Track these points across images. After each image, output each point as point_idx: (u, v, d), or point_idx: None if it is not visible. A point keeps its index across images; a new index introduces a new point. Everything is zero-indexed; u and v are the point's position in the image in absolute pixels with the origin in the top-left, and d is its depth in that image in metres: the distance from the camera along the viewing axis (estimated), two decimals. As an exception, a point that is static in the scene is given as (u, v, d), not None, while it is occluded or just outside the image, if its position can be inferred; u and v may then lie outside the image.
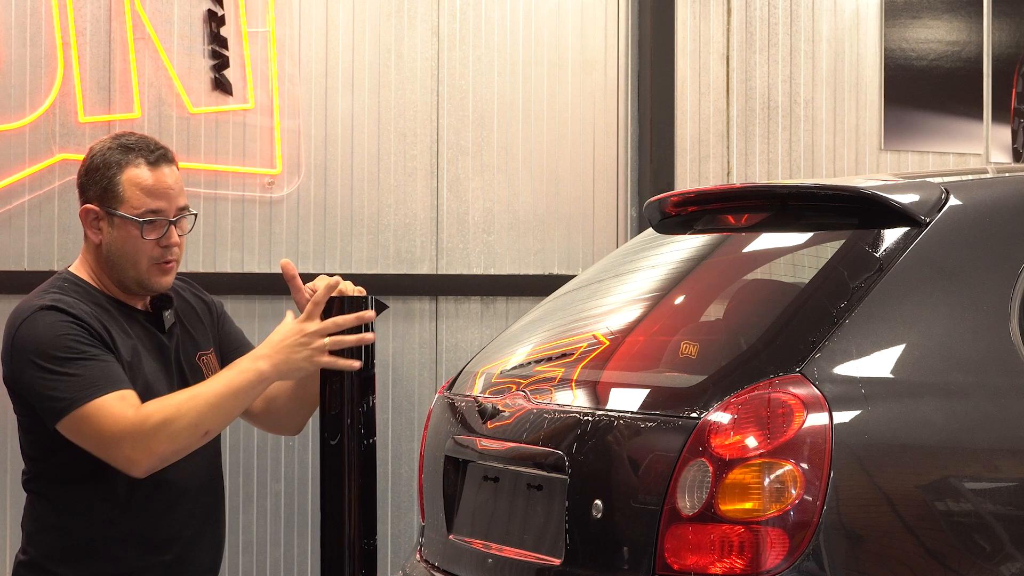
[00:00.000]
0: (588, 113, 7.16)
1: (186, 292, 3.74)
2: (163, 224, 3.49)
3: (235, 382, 3.38)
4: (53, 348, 3.38)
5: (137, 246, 3.49)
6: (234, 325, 3.83)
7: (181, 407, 3.35)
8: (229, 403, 3.38)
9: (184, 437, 3.35)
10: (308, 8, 6.63)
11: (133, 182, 3.49)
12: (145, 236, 3.48)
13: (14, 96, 6.11)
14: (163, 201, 3.49)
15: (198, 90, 6.40)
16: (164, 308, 3.60)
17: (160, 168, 3.51)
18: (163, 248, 3.50)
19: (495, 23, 6.98)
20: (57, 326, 3.40)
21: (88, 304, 3.50)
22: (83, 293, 3.53)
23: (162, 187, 3.50)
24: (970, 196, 3.45)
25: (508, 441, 3.60)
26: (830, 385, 3.07)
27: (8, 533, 6.06)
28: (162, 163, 3.52)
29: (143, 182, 3.49)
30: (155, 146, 3.54)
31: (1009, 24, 7.98)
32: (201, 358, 3.66)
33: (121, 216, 3.49)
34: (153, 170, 3.50)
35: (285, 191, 6.56)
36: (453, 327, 6.91)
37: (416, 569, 3.93)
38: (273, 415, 3.71)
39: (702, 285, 3.86)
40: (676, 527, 3.08)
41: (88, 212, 3.56)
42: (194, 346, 3.66)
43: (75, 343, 3.38)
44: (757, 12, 7.50)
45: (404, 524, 6.77)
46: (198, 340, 3.68)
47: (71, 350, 3.37)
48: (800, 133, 7.59)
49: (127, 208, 3.48)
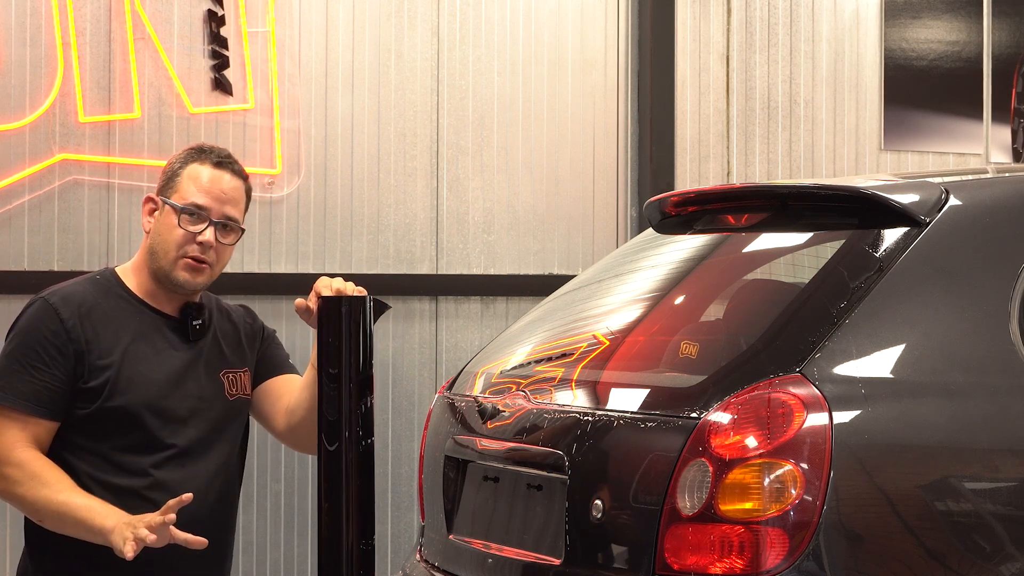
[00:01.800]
0: (588, 113, 7.16)
1: (236, 314, 3.81)
2: (203, 220, 3.59)
3: (86, 514, 3.46)
4: (14, 340, 3.55)
5: (174, 234, 3.58)
6: (279, 350, 3.88)
7: (38, 491, 3.47)
8: (69, 521, 3.47)
9: (19, 504, 3.52)
10: (308, 8, 6.63)
11: (191, 175, 3.62)
12: (182, 225, 3.57)
13: (14, 96, 6.11)
14: (211, 200, 3.60)
15: (198, 90, 6.40)
16: (192, 318, 3.65)
17: (221, 171, 3.64)
18: (198, 244, 3.58)
19: (495, 23, 6.98)
20: (32, 321, 3.54)
21: (103, 298, 3.59)
22: (106, 289, 3.62)
23: (215, 187, 3.61)
24: (970, 196, 3.44)
25: (508, 441, 3.60)
26: (830, 385, 3.07)
27: (8, 533, 6.06)
28: (225, 168, 3.65)
29: (199, 177, 3.61)
30: (227, 155, 3.68)
31: (1009, 24, 7.99)
32: (226, 375, 3.71)
33: (170, 204, 3.60)
34: (213, 170, 3.63)
35: (285, 191, 6.56)
36: (453, 327, 6.91)
37: (416, 569, 3.93)
38: (296, 432, 3.76)
39: (702, 285, 3.86)
40: (676, 527, 3.07)
41: (148, 200, 3.69)
42: (222, 362, 3.71)
43: (32, 342, 3.52)
44: (757, 12, 7.50)
45: (404, 524, 6.77)
46: (229, 358, 3.73)
47: (23, 348, 3.52)
48: (800, 133, 7.59)
49: (177, 197, 3.60)
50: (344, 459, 3.34)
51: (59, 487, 3.46)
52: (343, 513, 3.33)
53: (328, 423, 3.35)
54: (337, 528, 3.33)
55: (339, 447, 3.34)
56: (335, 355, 3.36)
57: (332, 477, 3.35)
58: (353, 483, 3.35)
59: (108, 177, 6.25)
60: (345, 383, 3.36)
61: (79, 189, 6.21)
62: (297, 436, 3.76)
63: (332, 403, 3.35)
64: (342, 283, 3.48)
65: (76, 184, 6.20)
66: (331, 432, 3.36)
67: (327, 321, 3.36)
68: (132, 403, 3.52)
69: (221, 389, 3.67)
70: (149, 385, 3.54)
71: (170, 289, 3.62)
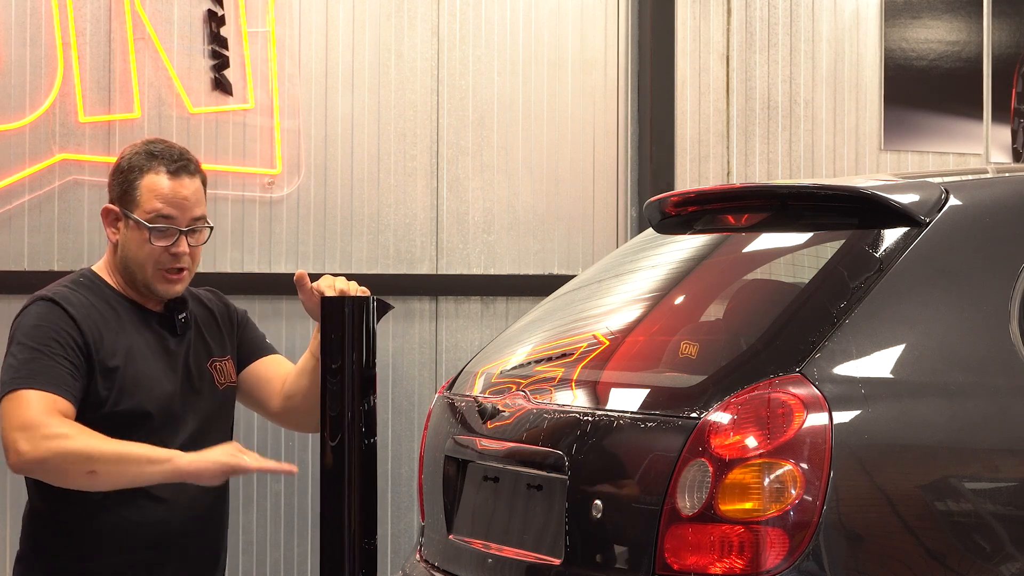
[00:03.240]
0: (588, 113, 7.16)
1: (208, 300, 3.81)
2: (173, 233, 3.57)
3: (146, 455, 3.43)
4: (25, 335, 3.50)
5: (145, 251, 3.57)
6: (255, 332, 3.89)
7: (89, 440, 3.40)
8: (128, 466, 3.42)
9: (71, 460, 3.39)
10: (308, 8, 6.63)
11: (150, 188, 3.57)
12: (153, 242, 3.56)
13: (14, 96, 6.11)
14: (176, 210, 3.57)
15: (198, 90, 6.40)
16: (178, 312, 3.66)
17: (180, 178, 3.59)
18: (171, 255, 3.57)
19: (495, 23, 6.98)
20: (42, 316, 3.51)
21: (96, 300, 3.58)
22: (95, 290, 3.61)
23: (177, 196, 3.58)
24: (970, 196, 3.44)
25: (508, 441, 3.60)
26: (830, 385, 3.07)
27: (8, 533, 6.06)
28: (182, 173, 3.60)
29: (159, 189, 3.57)
30: (179, 156, 3.62)
31: (1009, 24, 7.98)
32: (213, 364, 3.72)
33: (134, 219, 3.57)
34: (171, 179, 3.59)
35: (285, 191, 6.56)
36: (453, 327, 6.91)
37: (416, 569, 3.93)
38: (292, 412, 3.78)
39: (702, 285, 3.86)
40: (676, 527, 3.08)
41: (108, 212, 3.65)
42: (207, 352, 3.72)
43: (45, 335, 3.48)
44: (757, 12, 7.50)
45: (404, 524, 6.77)
46: (212, 347, 3.74)
47: (37, 340, 3.47)
48: (800, 133, 7.59)
49: (140, 212, 3.57)
50: (347, 458, 3.35)
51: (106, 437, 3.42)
52: (346, 512, 3.33)
53: (331, 420, 3.35)
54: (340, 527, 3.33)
55: (342, 446, 3.35)
56: (338, 353, 3.36)
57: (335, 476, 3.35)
58: (356, 482, 3.35)
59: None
60: (348, 381, 3.37)
61: (79, 189, 6.21)
62: (292, 416, 3.80)
63: (335, 401, 3.35)
64: (345, 283, 3.49)
65: (76, 184, 6.20)
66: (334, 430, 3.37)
67: (330, 320, 3.37)
68: (141, 404, 3.53)
69: (212, 380, 3.69)
70: (152, 385, 3.56)
71: (149, 297, 3.64)
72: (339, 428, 3.36)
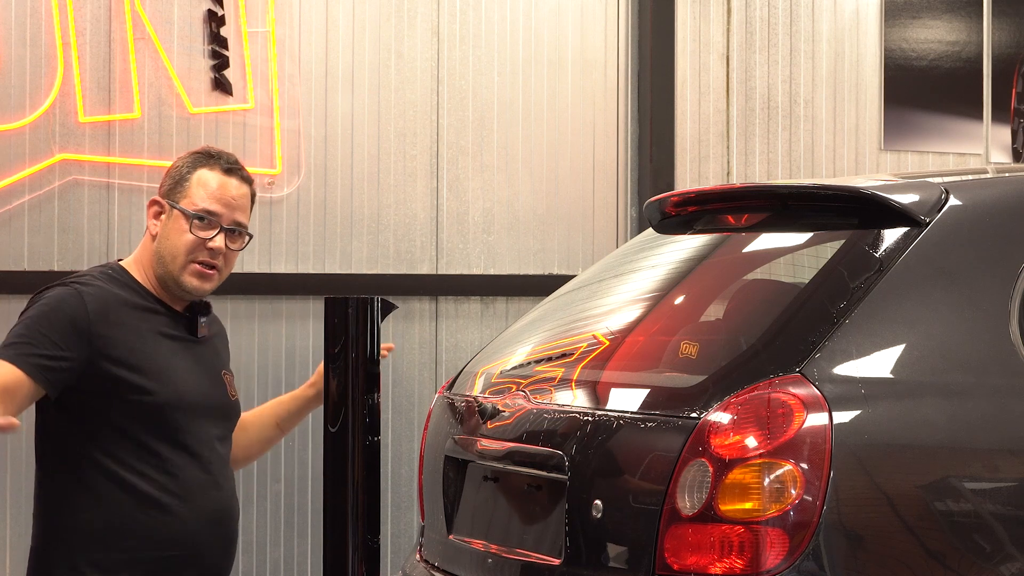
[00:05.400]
0: (588, 113, 7.16)
1: (216, 317, 3.89)
2: (214, 226, 3.62)
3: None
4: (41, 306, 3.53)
5: (184, 240, 3.62)
6: None
7: None
8: None
9: None
10: (308, 8, 6.63)
11: (201, 181, 3.65)
12: (194, 231, 3.61)
13: (14, 96, 6.11)
14: (222, 207, 3.64)
15: (198, 90, 6.40)
16: (201, 314, 3.68)
17: (231, 177, 3.67)
18: (208, 249, 3.62)
19: (495, 23, 6.98)
20: (63, 302, 3.52)
21: (122, 291, 3.61)
22: (121, 284, 3.65)
23: (225, 193, 3.65)
24: (970, 196, 3.44)
25: (508, 441, 3.60)
26: (830, 385, 3.07)
27: (8, 533, 6.06)
28: (235, 175, 3.69)
29: (209, 183, 3.64)
30: (235, 160, 3.72)
31: (1009, 24, 7.98)
32: (225, 376, 3.79)
33: (180, 209, 3.63)
34: (223, 176, 3.66)
35: (285, 191, 6.56)
36: (453, 327, 6.91)
37: (416, 569, 3.93)
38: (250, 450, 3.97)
39: (702, 285, 3.86)
40: (676, 527, 3.07)
41: (154, 203, 3.71)
42: (220, 362, 3.80)
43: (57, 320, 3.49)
44: (757, 12, 7.50)
45: (404, 524, 6.77)
46: (224, 359, 3.83)
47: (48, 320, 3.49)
48: (800, 133, 7.59)
49: (187, 203, 3.63)
50: (351, 456, 3.36)
51: None
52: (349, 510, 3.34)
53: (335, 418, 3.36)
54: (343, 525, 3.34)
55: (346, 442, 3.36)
56: (341, 352, 3.37)
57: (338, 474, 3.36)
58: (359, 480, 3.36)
59: (108, 177, 6.25)
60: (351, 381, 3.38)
61: (79, 189, 6.21)
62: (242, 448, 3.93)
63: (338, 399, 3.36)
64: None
65: (76, 184, 6.20)
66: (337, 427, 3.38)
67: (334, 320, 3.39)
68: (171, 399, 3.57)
69: (225, 389, 3.74)
70: (179, 382, 3.60)
71: (176, 294, 3.65)
72: (343, 425, 3.38)
